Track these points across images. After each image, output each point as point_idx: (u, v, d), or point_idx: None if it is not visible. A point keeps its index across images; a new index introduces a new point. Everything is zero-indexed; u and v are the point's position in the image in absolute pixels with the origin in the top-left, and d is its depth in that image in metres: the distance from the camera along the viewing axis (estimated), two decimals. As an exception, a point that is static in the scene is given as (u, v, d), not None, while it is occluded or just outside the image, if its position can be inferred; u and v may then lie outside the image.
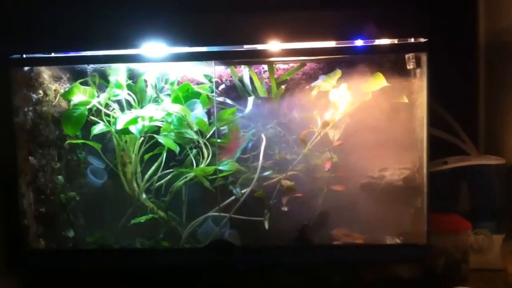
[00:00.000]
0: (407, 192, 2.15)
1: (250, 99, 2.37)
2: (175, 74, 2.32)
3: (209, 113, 2.32)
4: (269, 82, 2.43)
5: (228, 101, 2.42)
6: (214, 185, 2.21)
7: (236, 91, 2.45)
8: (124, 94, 2.21)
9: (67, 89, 2.23)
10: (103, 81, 2.27)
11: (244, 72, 2.46)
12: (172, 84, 2.26)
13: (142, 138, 2.24)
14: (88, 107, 2.17)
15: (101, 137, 2.28)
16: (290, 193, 2.17)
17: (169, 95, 2.32)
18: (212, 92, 2.32)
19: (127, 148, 2.26)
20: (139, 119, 2.14)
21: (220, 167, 2.17)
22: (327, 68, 2.41)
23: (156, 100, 2.33)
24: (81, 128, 2.18)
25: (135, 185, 2.26)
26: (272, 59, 2.28)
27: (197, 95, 2.27)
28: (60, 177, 2.24)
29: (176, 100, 2.23)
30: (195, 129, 2.23)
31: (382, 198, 2.18)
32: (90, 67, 2.22)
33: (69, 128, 2.16)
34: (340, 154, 2.23)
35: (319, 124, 2.23)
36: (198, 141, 2.24)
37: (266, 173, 2.23)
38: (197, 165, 2.24)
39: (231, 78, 2.49)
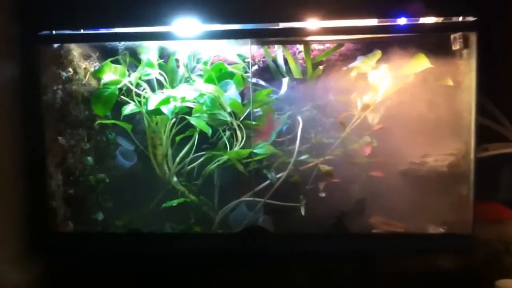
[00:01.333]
0: (451, 179, 2.03)
1: (285, 81, 2.28)
2: (208, 53, 2.23)
3: (242, 95, 2.22)
4: (304, 63, 2.32)
5: (262, 82, 2.32)
6: (248, 169, 2.12)
7: (269, 72, 2.37)
8: (155, 74, 2.12)
9: (97, 67, 2.14)
10: (134, 60, 2.18)
11: (278, 52, 2.36)
12: (205, 63, 2.16)
13: (174, 119, 2.16)
14: (118, 86, 2.09)
15: (131, 118, 2.20)
16: (328, 178, 2.07)
17: (200, 75, 2.24)
18: (246, 72, 2.21)
19: (158, 129, 2.18)
20: (171, 100, 2.04)
21: (255, 150, 2.07)
22: (365, 49, 2.32)
23: (187, 81, 2.25)
24: (111, 108, 2.09)
25: (166, 168, 2.19)
26: (310, 38, 2.18)
27: (231, 75, 2.18)
28: (89, 158, 2.17)
29: (209, 80, 2.15)
30: (229, 111, 2.13)
31: (424, 185, 2.06)
32: (121, 45, 2.13)
33: (99, 108, 2.08)
34: (380, 139, 2.12)
35: (359, 107, 2.11)
36: (231, 123, 2.14)
37: (303, 157, 2.13)
38: (231, 148, 2.14)
39: (264, 59, 2.40)
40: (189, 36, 1.98)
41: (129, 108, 2.07)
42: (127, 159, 2.27)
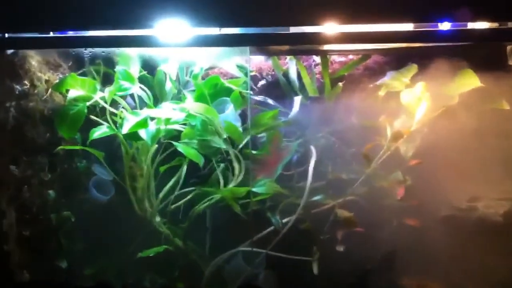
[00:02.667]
0: (507, 231, 1.58)
1: (297, 99, 1.88)
2: (201, 64, 1.82)
3: (243, 116, 1.80)
4: (321, 78, 1.91)
5: (269, 101, 1.93)
6: (246, 210, 1.69)
7: (279, 89, 1.97)
8: (135, 89, 1.72)
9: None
10: (110, 71, 1.80)
11: (291, 65, 1.98)
12: (195, 77, 1.75)
13: (157, 146, 1.75)
14: (89, 103, 1.69)
15: (109, 142, 1.78)
16: (348, 226, 1.63)
17: (194, 90, 1.82)
18: (248, 88, 1.80)
19: (138, 157, 1.77)
20: (151, 122, 1.63)
21: (254, 189, 1.64)
22: (396, 62, 1.92)
23: (178, 98, 1.85)
24: (79, 129, 1.73)
25: (147, 205, 1.78)
26: (328, 47, 1.77)
27: (228, 92, 1.79)
28: (51, 192, 1.75)
29: (200, 98, 1.74)
30: (224, 137, 1.72)
31: (472, 237, 1.62)
32: (102, 52, 1.73)
33: (64, 130, 1.70)
34: (415, 176, 1.68)
35: (388, 135, 1.68)
36: (227, 152, 1.73)
37: (316, 197, 1.70)
38: (226, 183, 1.73)
39: (273, 72, 2.00)
40: (175, 42, 1.58)
41: (100, 132, 1.67)
42: (103, 192, 1.87)
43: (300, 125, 1.85)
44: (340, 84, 1.81)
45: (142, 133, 1.64)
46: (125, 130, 1.60)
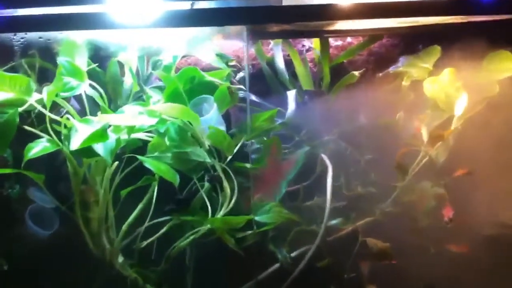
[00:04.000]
0: None
1: (291, 95, 1.51)
2: (171, 52, 1.40)
3: (227, 119, 1.41)
4: (313, 67, 1.56)
5: (253, 97, 1.54)
6: (244, 244, 1.29)
7: (263, 82, 1.62)
8: (84, 87, 1.29)
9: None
10: (49, 65, 1.36)
11: (276, 51, 1.59)
12: (167, 68, 1.34)
13: (117, 162, 1.32)
14: (22, 109, 1.25)
15: (49, 157, 1.34)
16: (382, 259, 1.26)
17: (159, 87, 1.42)
18: (232, 83, 1.43)
19: (91, 178, 1.34)
20: (109, 131, 1.21)
21: (258, 217, 1.25)
22: (405, 45, 1.62)
23: (139, 97, 1.48)
24: (9, 143, 1.27)
25: (105, 241, 1.35)
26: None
27: (208, 88, 1.37)
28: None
29: (173, 96, 1.34)
30: (207, 146, 1.31)
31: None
32: (21, 39, 1.29)
33: None
34: (454, 188, 1.34)
35: (424, 138, 1.34)
36: (213, 167, 1.32)
37: (333, 221, 1.31)
38: (214, 209, 1.31)
39: (255, 62, 1.62)
40: (139, 23, 1.16)
41: (38, 148, 1.23)
42: (44, 224, 1.43)
43: (299, 127, 1.48)
44: (356, 73, 1.44)
45: (99, 147, 1.22)
46: (76, 144, 1.17)
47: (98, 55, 1.49)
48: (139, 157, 1.33)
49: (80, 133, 1.20)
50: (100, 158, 1.28)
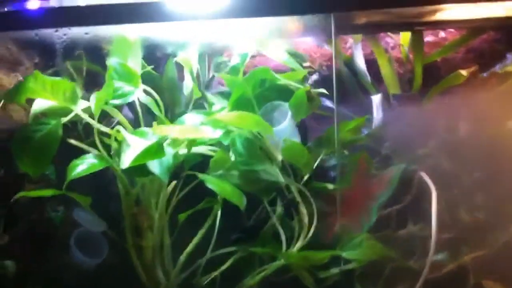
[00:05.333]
0: None
1: (377, 100, 1.28)
2: (237, 51, 1.23)
3: (304, 131, 1.21)
4: (397, 67, 1.37)
5: (328, 103, 1.34)
6: (325, 284, 1.07)
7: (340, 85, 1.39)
8: (139, 93, 1.12)
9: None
10: (98, 68, 1.20)
11: (356, 50, 1.39)
12: (234, 70, 1.15)
13: (175, 181, 1.14)
14: (65, 119, 1.09)
15: (97, 175, 1.16)
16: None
17: (222, 93, 1.28)
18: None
19: (144, 199, 1.17)
20: (166, 145, 1.03)
21: (347, 254, 1.03)
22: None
23: (199, 105, 1.30)
24: (51, 160, 1.12)
25: (160, 274, 1.17)
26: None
27: (283, 92, 1.17)
28: (9, 262, 1.14)
29: (240, 102, 1.14)
30: (280, 162, 1.11)
31: None
32: (64, 36, 1.13)
33: (28, 163, 1.10)
34: None
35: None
36: (287, 188, 1.12)
37: (436, 256, 1.08)
38: (289, 240, 1.11)
39: (329, 62, 1.45)
40: (201, 14, 0.99)
41: (84, 166, 1.07)
42: (92, 252, 1.25)
43: (386, 138, 1.26)
44: (464, 72, 1.21)
45: (154, 165, 1.04)
46: (127, 162, 0.99)
47: (153, 56, 1.33)
48: (199, 175, 1.14)
49: (132, 148, 1.02)
50: (155, 177, 1.12)
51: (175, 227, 1.19)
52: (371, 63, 1.43)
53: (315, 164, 1.13)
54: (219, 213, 1.15)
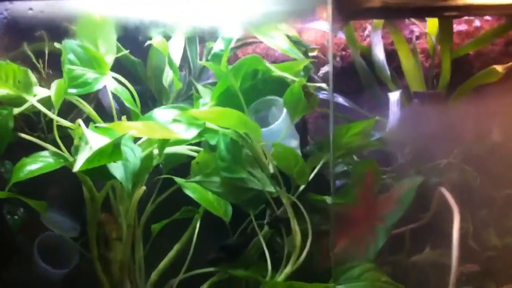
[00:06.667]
0: None
1: (394, 98, 1.08)
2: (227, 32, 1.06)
3: (303, 131, 1.03)
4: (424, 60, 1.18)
5: (340, 99, 1.18)
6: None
7: (355, 79, 1.23)
8: (106, 81, 0.95)
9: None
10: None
11: (374, 37, 1.18)
12: (216, 56, 0.98)
13: (145, 188, 0.97)
14: (18, 110, 0.93)
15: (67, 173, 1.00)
16: None
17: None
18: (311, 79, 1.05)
19: (114, 205, 1.00)
20: (131, 145, 0.86)
21: (343, 287, 0.84)
22: None
23: (189, 97, 1.13)
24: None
25: (129, 290, 1.00)
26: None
27: (280, 86, 0.98)
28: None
29: (226, 97, 0.96)
30: (271, 169, 0.93)
31: None
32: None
33: None
34: None
35: None
36: (278, 200, 0.94)
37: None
38: (277, 262, 0.92)
39: (343, 52, 1.28)
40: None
41: (37, 165, 0.90)
42: (58, 260, 1.09)
43: (404, 144, 1.06)
44: (500, 67, 1.00)
45: (115, 168, 0.86)
46: (78, 164, 0.82)
47: (136, 40, 1.16)
48: (177, 180, 0.97)
49: (87, 147, 0.85)
50: (118, 182, 0.95)
51: (148, 240, 1.03)
52: (392, 55, 1.24)
53: (313, 173, 0.94)
54: (198, 225, 0.98)
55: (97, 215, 1.02)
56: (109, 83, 0.98)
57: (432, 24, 1.19)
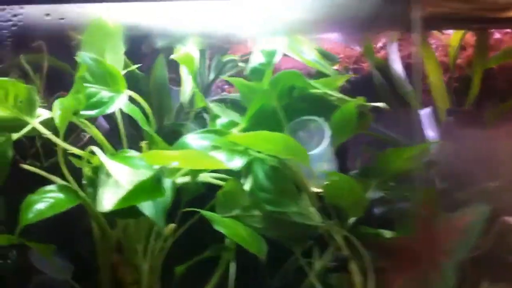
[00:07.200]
0: None
1: (426, 115, 1.00)
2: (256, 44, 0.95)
3: (342, 155, 0.92)
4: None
5: None
6: None
7: (370, 93, 1.09)
8: (122, 101, 0.81)
9: None
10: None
11: (390, 49, 1.10)
12: (256, 71, 0.87)
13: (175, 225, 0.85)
14: (18, 135, 0.80)
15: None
16: None
17: (223, 101, 1.01)
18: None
19: (128, 245, 0.86)
20: (164, 178, 0.72)
21: None
22: None
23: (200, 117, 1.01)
24: None
25: None
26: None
27: (315, 104, 0.87)
28: None
29: (262, 117, 0.83)
30: (314, 200, 0.82)
31: None
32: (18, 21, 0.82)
33: None
34: None
35: None
36: (328, 234, 0.83)
37: None
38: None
39: (359, 65, 1.19)
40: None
41: (42, 205, 0.75)
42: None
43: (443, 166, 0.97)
44: None
45: (147, 206, 0.73)
46: (109, 204, 0.67)
47: (136, 51, 1.02)
48: (206, 213, 0.83)
49: (116, 183, 0.71)
50: (144, 219, 0.81)
51: (169, 283, 0.89)
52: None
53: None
54: (233, 267, 0.85)
55: (110, 256, 0.87)
56: (124, 103, 0.84)
57: (456, 36, 1.13)
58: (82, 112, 0.77)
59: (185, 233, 0.91)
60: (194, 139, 0.80)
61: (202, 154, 0.73)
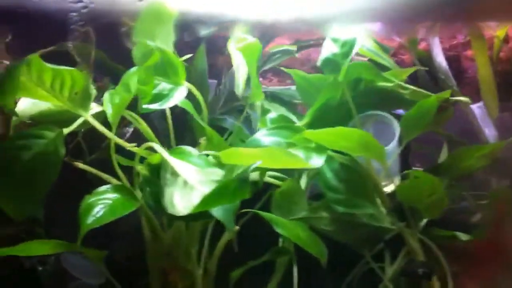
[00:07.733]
0: None
1: (479, 110, 0.96)
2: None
3: (405, 152, 0.87)
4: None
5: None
6: None
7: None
8: (182, 94, 0.74)
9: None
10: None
11: (433, 42, 1.06)
12: (329, 62, 0.81)
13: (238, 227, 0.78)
14: (69, 129, 0.71)
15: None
16: None
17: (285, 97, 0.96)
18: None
19: (180, 249, 0.79)
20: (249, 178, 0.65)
21: None
22: None
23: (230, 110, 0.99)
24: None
25: None
26: None
27: (381, 98, 0.82)
28: None
29: (320, 112, 0.77)
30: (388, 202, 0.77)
31: None
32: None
33: (8, 200, 0.71)
34: None
35: None
36: (399, 236, 0.77)
37: None
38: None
39: (395, 57, 1.12)
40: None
41: (98, 208, 0.67)
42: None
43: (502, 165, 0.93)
44: None
45: (216, 208, 0.66)
46: (186, 208, 0.61)
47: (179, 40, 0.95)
48: (266, 215, 0.77)
49: (189, 184, 0.64)
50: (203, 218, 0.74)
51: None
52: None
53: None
54: (295, 271, 0.79)
55: (161, 260, 0.80)
56: (183, 96, 0.77)
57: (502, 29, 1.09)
58: (146, 105, 0.70)
59: (248, 239, 0.86)
60: (264, 135, 0.74)
61: (285, 152, 0.67)
